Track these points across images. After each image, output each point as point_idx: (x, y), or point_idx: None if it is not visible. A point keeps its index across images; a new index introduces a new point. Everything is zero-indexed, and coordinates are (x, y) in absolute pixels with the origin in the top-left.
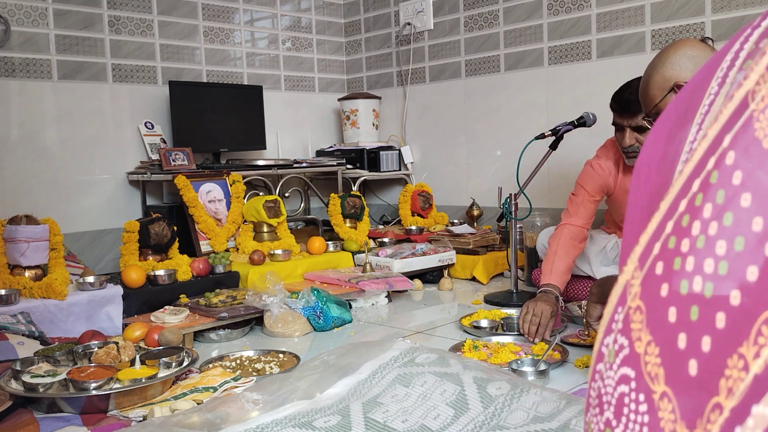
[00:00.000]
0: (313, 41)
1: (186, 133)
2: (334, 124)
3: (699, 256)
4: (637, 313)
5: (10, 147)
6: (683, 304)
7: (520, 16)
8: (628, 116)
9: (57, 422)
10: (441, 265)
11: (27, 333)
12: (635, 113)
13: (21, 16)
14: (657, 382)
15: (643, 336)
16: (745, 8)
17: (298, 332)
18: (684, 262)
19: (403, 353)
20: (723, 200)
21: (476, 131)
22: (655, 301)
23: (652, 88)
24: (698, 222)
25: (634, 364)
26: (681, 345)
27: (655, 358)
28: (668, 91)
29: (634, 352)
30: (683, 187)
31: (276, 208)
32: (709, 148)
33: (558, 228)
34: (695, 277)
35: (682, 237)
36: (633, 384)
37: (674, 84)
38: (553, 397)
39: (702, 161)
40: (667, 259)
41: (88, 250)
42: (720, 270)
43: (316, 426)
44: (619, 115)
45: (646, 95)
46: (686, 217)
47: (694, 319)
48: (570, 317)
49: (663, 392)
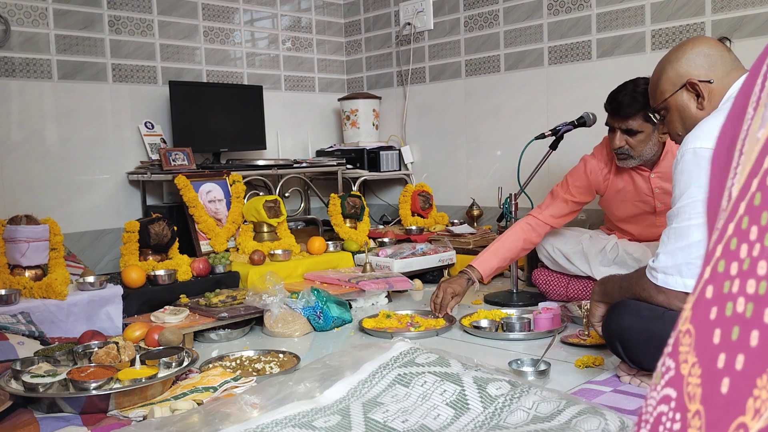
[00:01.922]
0: (313, 41)
1: (186, 133)
2: (334, 124)
3: (743, 277)
4: (687, 336)
5: (10, 147)
6: (727, 325)
7: (520, 16)
8: (619, 119)
9: (57, 422)
10: (441, 265)
11: (27, 333)
12: (626, 117)
13: (21, 16)
14: (693, 401)
15: (689, 358)
16: (745, 8)
17: (298, 332)
18: (731, 285)
19: (403, 353)
20: (766, 221)
21: (476, 131)
22: (703, 325)
23: (664, 83)
24: (745, 245)
25: (677, 384)
26: (719, 364)
27: (696, 379)
28: (679, 87)
29: (679, 374)
30: (731, 210)
31: (276, 208)
32: (752, 170)
33: (522, 218)
34: (739, 298)
35: (731, 260)
36: (673, 404)
37: (687, 81)
38: (553, 397)
39: (746, 184)
40: (717, 283)
41: (88, 250)
42: (760, 290)
43: (316, 426)
44: (611, 117)
45: (656, 88)
46: (734, 240)
47: (734, 339)
48: (570, 317)
49: (696, 410)
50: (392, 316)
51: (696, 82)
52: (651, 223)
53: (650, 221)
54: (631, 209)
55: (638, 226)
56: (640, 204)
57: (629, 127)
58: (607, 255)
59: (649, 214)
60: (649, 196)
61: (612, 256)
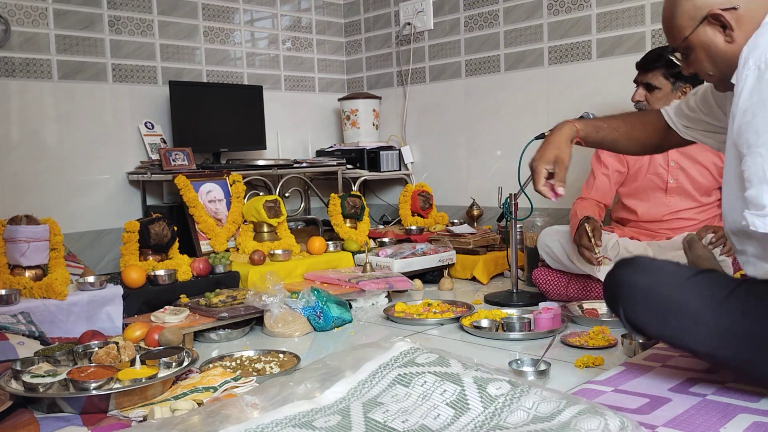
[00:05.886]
0: (313, 41)
1: (186, 133)
2: (334, 124)
3: None
4: None
5: (10, 147)
6: None
7: (520, 16)
8: (642, 72)
9: (57, 422)
10: (441, 265)
11: (27, 333)
12: (647, 70)
13: (21, 16)
14: None
15: None
16: None
17: (298, 332)
18: None
19: (403, 353)
20: None
21: (476, 131)
22: None
23: (680, 18)
24: None
25: None
26: None
27: None
28: (700, 22)
29: None
30: None
31: (276, 208)
32: None
33: (577, 200)
34: None
35: None
36: None
37: (708, 13)
38: (554, 397)
39: None
40: None
41: (88, 250)
42: None
43: (316, 426)
44: (638, 70)
45: (672, 27)
46: None
47: None
48: (570, 317)
49: None
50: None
51: (719, 12)
52: (660, 202)
53: (659, 200)
54: (643, 183)
55: (646, 204)
56: (653, 177)
57: (649, 81)
58: (608, 253)
59: (659, 190)
60: (664, 169)
61: (612, 254)
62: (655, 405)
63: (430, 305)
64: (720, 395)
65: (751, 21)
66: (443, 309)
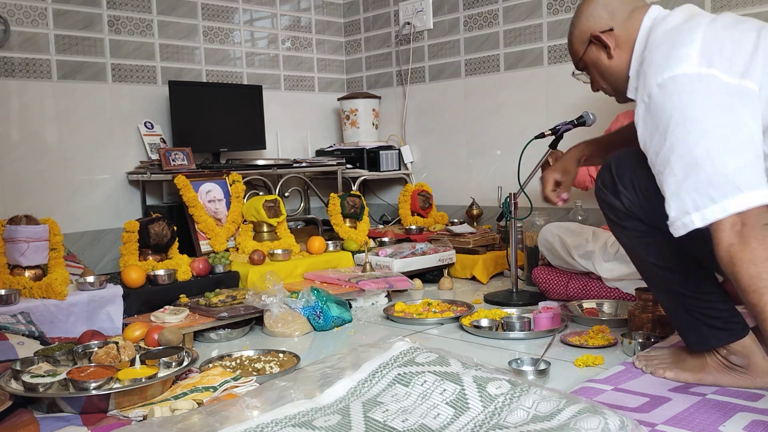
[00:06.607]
0: (313, 41)
1: (186, 133)
2: (334, 124)
3: None
4: None
5: (10, 147)
6: None
7: (520, 15)
8: None
9: (57, 422)
10: (441, 265)
11: (27, 333)
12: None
13: (21, 16)
14: None
15: None
16: (744, 8)
17: (298, 332)
18: None
19: (403, 353)
20: None
21: (476, 131)
22: None
23: (574, 44)
24: None
25: None
26: None
27: None
28: (587, 44)
29: None
30: None
31: (276, 207)
32: None
33: None
34: None
35: None
36: None
37: (590, 36)
38: (553, 396)
39: None
40: None
41: (88, 250)
42: None
43: (316, 425)
44: None
45: (571, 51)
46: None
47: None
48: (570, 316)
49: None
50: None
51: (598, 34)
52: None
53: None
54: None
55: None
56: None
57: None
58: (608, 250)
59: None
60: None
61: (613, 251)
62: (654, 404)
63: (430, 305)
64: (719, 394)
65: (627, 39)
66: (443, 308)
